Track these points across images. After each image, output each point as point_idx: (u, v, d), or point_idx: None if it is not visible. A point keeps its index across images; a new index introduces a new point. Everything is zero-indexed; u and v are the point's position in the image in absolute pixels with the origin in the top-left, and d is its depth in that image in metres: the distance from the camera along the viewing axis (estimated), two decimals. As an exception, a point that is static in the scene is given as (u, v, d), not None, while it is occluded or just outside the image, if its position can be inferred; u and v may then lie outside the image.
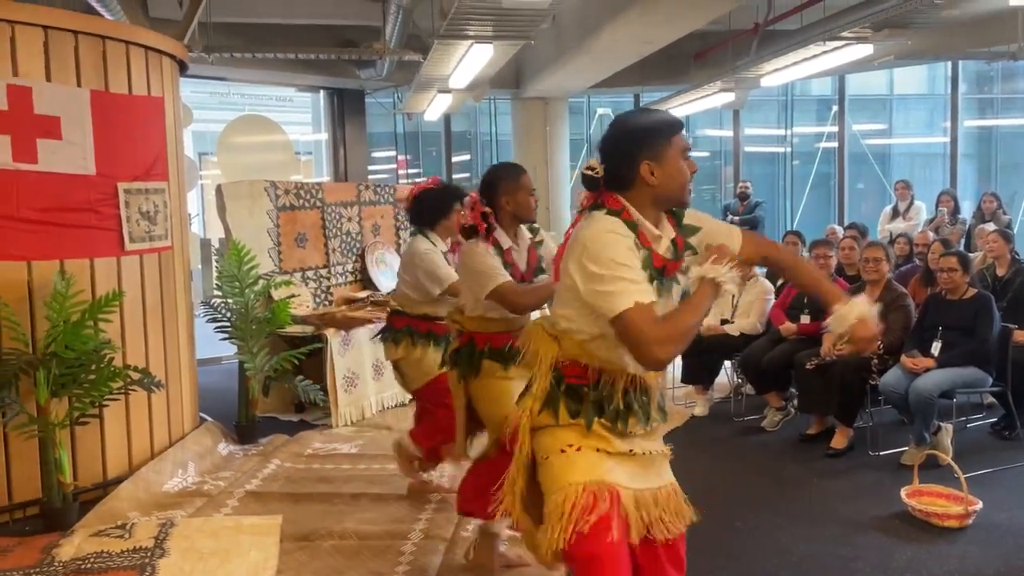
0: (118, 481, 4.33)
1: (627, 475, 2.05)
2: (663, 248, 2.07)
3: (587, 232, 2.00)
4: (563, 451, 2.02)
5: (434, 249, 3.91)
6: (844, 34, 6.22)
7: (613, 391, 2.05)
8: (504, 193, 3.16)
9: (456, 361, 3.27)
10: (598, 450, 2.03)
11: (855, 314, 2.13)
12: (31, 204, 4.03)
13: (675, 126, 2.09)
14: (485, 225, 3.13)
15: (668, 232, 2.11)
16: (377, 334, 4.23)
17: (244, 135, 9.02)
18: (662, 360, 1.91)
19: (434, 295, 3.88)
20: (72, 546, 3.56)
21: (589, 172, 2.11)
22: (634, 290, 1.92)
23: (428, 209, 3.95)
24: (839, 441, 4.88)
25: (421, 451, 4.09)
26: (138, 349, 4.58)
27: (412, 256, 3.93)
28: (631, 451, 2.07)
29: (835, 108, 11.44)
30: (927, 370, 4.55)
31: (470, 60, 6.48)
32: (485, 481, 2.84)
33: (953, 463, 3.90)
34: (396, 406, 6.10)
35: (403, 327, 3.97)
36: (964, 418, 5.29)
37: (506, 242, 3.16)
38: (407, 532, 3.76)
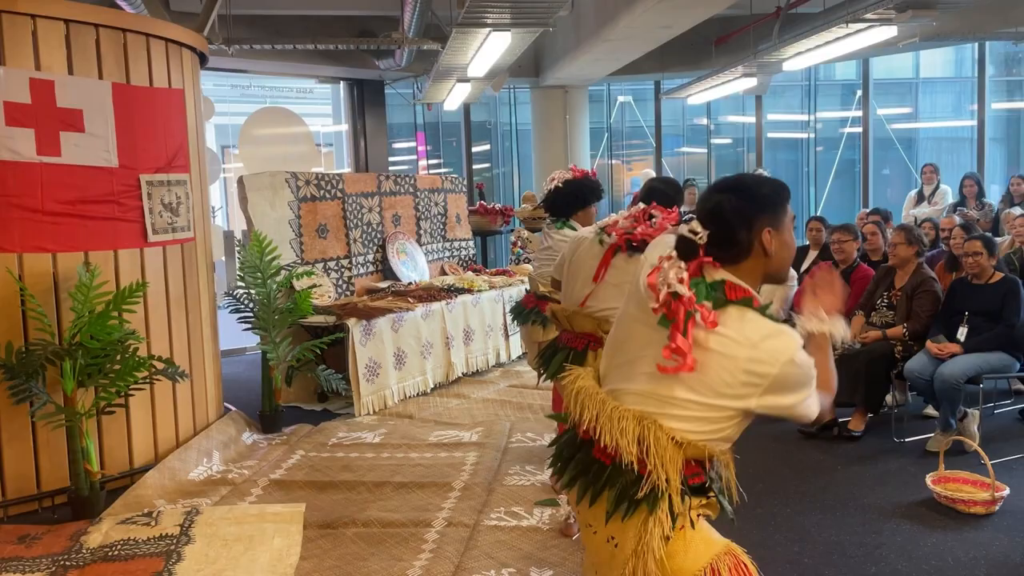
0: (144, 470, 4.39)
1: None
2: None
3: (773, 346, 1.69)
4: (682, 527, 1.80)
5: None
6: (867, 16, 6.12)
7: (726, 474, 1.91)
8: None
9: None
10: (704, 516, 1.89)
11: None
12: (55, 196, 4.08)
13: (788, 191, 1.87)
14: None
15: None
16: (519, 316, 4.29)
17: (265, 127, 9.06)
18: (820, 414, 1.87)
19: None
20: (100, 533, 3.62)
21: (691, 236, 1.77)
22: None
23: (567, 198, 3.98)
24: (857, 423, 4.85)
25: None
26: (162, 339, 4.63)
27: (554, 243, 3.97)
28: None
29: (859, 93, 11.27)
30: (953, 356, 4.50)
31: (488, 48, 6.45)
32: None
33: (979, 449, 3.86)
34: (418, 395, 6.12)
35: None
36: (991, 404, 5.23)
37: None
38: (430, 520, 3.78)
